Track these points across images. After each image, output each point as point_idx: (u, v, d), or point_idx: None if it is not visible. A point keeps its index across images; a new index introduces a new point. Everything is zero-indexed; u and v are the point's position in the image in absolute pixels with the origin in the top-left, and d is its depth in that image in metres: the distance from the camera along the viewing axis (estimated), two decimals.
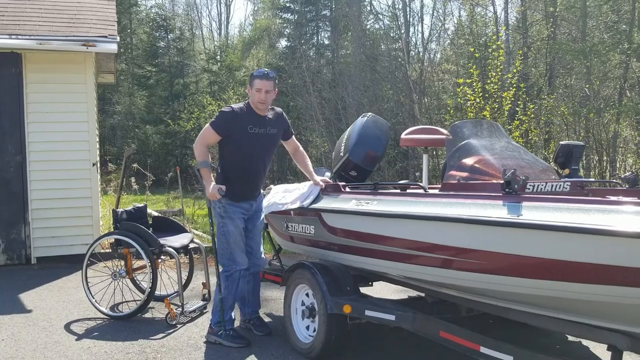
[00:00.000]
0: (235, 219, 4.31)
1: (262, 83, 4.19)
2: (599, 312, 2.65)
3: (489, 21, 15.24)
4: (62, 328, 4.70)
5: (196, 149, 4.29)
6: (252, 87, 4.23)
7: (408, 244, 3.30)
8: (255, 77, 4.22)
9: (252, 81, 4.24)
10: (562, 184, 3.38)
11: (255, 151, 4.30)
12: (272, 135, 4.38)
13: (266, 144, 4.35)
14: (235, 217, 4.31)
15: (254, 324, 4.62)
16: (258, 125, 4.27)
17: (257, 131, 4.27)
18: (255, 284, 4.63)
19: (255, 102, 4.25)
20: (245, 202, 4.37)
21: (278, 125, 4.43)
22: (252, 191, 4.42)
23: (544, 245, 2.60)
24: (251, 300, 4.64)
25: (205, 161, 4.26)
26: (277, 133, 4.43)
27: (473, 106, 8.62)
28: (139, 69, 24.95)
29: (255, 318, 4.65)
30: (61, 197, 7.28)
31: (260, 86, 4.19)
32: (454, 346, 3.18)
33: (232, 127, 4.23)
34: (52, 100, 7.25)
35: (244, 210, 4.38)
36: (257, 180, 4.43)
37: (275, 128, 4.39)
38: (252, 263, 4.50)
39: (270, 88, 4.22)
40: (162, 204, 12.33)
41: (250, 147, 4.27)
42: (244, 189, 4.35)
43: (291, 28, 24.19)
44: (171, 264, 6.09)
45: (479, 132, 3.83)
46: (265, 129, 4.31)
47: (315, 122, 14.50)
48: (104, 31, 7.34)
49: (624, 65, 10.99)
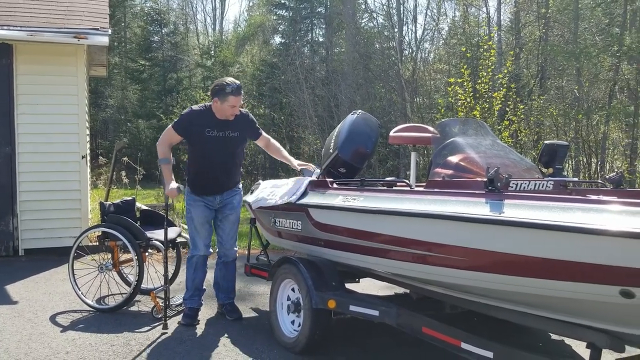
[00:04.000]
0: (197, 207, 4.57)
1: (236, 100, 4.33)
2: (580, 310, 2.67)
3: (482, 22, 15.29)
4: (48, 320, 4.70)
5: (158, 147, 4.53)
6: (223, 102, 4.32)
7: (393, 240, 3.32)
8: (229, 94, 4.29)
9: (225, 97, 4.30)
10: (545, 183, 3.40)
11: (212, 153, 4.47)
12: (232, 139, 4.52)
13: (224, 146, 4.50)
14: (197, 205, 4.57)
15: (226, 309, 4.85)
16: (217, 129, 4.42)
17: (216, 134, 4.42)
18: (227, 272, 4.84)
19: (226, 115, 4.40)
20: (206, 196, 4.60)
21: (241, 128, 4.56)
22: (211, 187, 4.61)
23: (526, 242, 2.62)
24: (224, 287, 4.87)
25: (165, 159, 4.48)
26: (238, 136, 4.57)
27: (464, 106, 8.66)
28: (133, 63, 24.85)
29: (228, 304, 4.86)
30: (50, 189, 7.26)
31: (234, 103, 4.34)
32: (436, 342, 3.21)
33: (190, 129, 4.42)
34: (42, 92, 7.23)
35: (207, 201, 4.61)
36: (219, 179, 4.60)
37: (236, 131, 4.53)
38: (221, 253, 4.82)
39: (241, 101, 4.40)
40: (153, 198, 12.29)
41: (208, 149, 4.45)
42: (205, 185, 4.58)
43: (286, 25, 24.16)
44: (158, 258, 6.09)
45: (465, 130, 3.86)
46: (224, 132, 4.45)
47: (307, 119, 14.51)
48: (96, 24, 7.32)
49: (614, 68, 11.06)
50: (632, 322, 2.52)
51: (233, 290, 4.93)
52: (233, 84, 4.33)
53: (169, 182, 4.45)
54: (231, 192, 4.72)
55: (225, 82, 4.35)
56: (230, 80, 4.37)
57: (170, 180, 4.46)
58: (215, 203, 4.65)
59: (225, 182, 4.66)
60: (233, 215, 4.75)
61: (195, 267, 4.68)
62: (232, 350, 4.08)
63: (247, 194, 5.30)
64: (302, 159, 4.84)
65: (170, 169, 4.49)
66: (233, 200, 4.73)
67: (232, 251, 4.83)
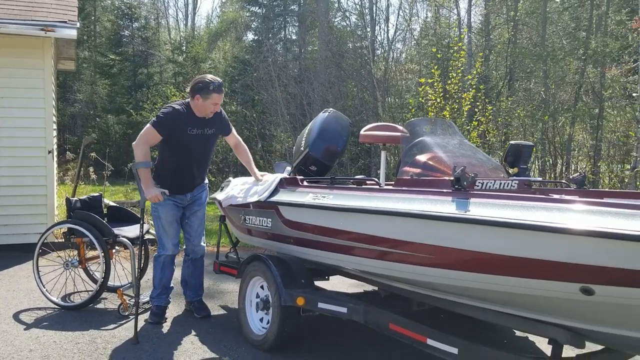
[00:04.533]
0: (165, 207, 4.47)
1: (219, 97, 4.30)
2: (542, 307, 2.74)
3: (452, 23, 15.47)
4: (11, 317, 4.60)
5: (137, 148, 4.29)
6: (206, 100, 4.26)
7: (362, 238, 3.35)
8: (213, 92, 4.24)
9: (209, 94, 4.24)
10: (510, 182, 3.48)
11: (190, 151, 4.43)
12: (209, 136, 4.51)
13: (203, 144, 4.48)
14: (165, 204, 4.44)
15: (194, 306, 4.80)
16: (197, 127, 4.38)
17: (196, 132, 4.38)
18: (195, 269, 4.79)
19: (206, 113, 4.34)
20: (178, 194, 4.52)
21: (216, 124, 4.53)
22: (186, 185, 4.56)
23: (491, 240, 2.67)
24: (191, 284, 4.81)
25: (146, 162, 4.30)
26: (214, 133, 4.56)
27: (434, 106, 8.76)
28: (102, 57, 24.41)
29: (196, 302, 4.81)
30: (15, 185, 7.11)
31: (217, 100, 4.31)
32: (403, 338, 3.25)
33: (172, 127, 4.30)
34: (7, 85, 7.06)
35: (178, 200, 4.54)
36: (191, 176, 4.55)
37: (213, 128, 4.50)
38: (189, 249, 4.76)
39: (222, 99, 4.36)
40: (121, 195, 12.12)
41: (187, 147, 4.39)
42: (176, 183, 4.48)
43: (258, 22, 24.06)
44: (125, 255, 6.01)
45: (434, 130, 3.91)
46: (203, 130, 4.42)
47: (280, 117, 14.48)
48: (64, 16, 7.17)
49: (580, 71, 11.32)
50: (592, 319, 2.59)
51: (201, 287, 4.89)
52: (215, 81, 4.28)
53: (149, 186, 4.26)
54: (199, 188, 4.68)
55: (207, 80, 4.27)
56: (212, 78, 4.31)
57: (150, 184, 4.27)
58: (185, 201, 4.60)
59: (198, 179, 4.63)
60: (201, 211, 4.73)
61: (162, 266, 4.63)
62: (200, 348, 4.06)
63: (217, 191, 5.28)
64: (273, 157, 4.83)
65: (150, 172, 4.31)
66: (201, 195, 4.70)
67: (200, 247, 4.78)
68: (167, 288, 4.72)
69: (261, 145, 15.02)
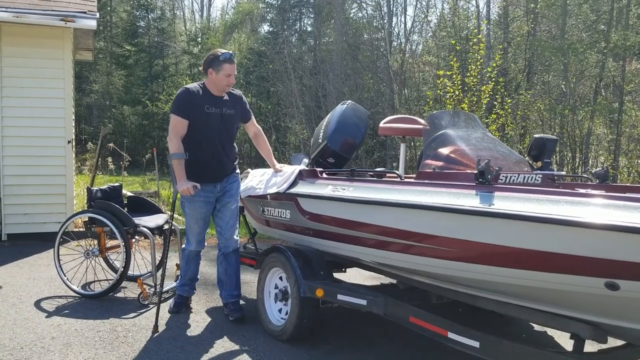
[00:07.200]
0: (193, 203, 4.34)
1: (231, 68, 4.20)
2: (566, 302, 2.72)
3: (471, 15, 15.33)
4: (32, 305, 4.66)
5: (170, 142, 4.22)
6: (219, 71, 4.18)
7: (382, 231, 3.34)
8: (224, 62, 4.16)
9: (220, 65, 4.16)
10: (534, 176, 3.44)
11: (211, 131, 4.27)
12: (229, 116, 4.35)
13: (223, 123, 4.32)
14: (193, 200, 4.32)
15: (229, 308, 4.52)
16: (214, 105, 4.27)
17: (214, 111, 4.26)
18: (229, 266, 4.50)
19: (222, 86, 4.25)
20: (208, 184, 4.33)
21: (236, 106, 4.42)
22: (214, 173, 4.37)
23: (514, 234, 2.65)
24: (226, 283, 4.53)
25: (179, 153, 4.17)
26: (234, 114, 4.40)
27: (452, 98, 8.70)
28: (118, 48, 24.58)
29: (231, 303, 4.52)
30: (35, 174, 7.18)
31: (230, 71, 4.19)
32: (423, 331, 3.24)
33: (190, 107, 4.20)
34: (28, 75, 7.13)
35: (207, 192, 4.35)
36: (217, 162, 4.36)
37: (232, 109, 4.37)
38: (221, 244, 4.50)
39: (235, 71, 4.28)
40: (138, 185, 12.22)
41: (207, 126, 4.24)
42: (203, 170, 4.29)
43: (274, 13, 24.06)
44: (145, 244, 6.06)
45: (456, 123, 3.88)
46: (221, 109, 4.30)
47: (295, 109, 14.48)
48: (84, 7, 7.22)
49: (600, 64, 11.18)
50: (615, 314, 2.57)
51: (237, 287, 4.54)
52: (226, 52, 4.23)
53: (181, 179, 4.14)
54: (230, 179, 4.50)
55: (218, 52, 4.22)
56: (222, 50, 4.27)
57: (183, 177, 4.14)
58: (215, 192, 4.40)
59: (228, 164, 4.45)
60: (232, 203, 4.48)
61: (187, 259, 4.58)
62: (219, 338, 4.08)
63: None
64: (288, 149, 4.82)
65: (183, 165, 4.17)
66: (232, 187, 4.50)
67: (233, 240, 4.48)
68: (192, 280, 4.69)
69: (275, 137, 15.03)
